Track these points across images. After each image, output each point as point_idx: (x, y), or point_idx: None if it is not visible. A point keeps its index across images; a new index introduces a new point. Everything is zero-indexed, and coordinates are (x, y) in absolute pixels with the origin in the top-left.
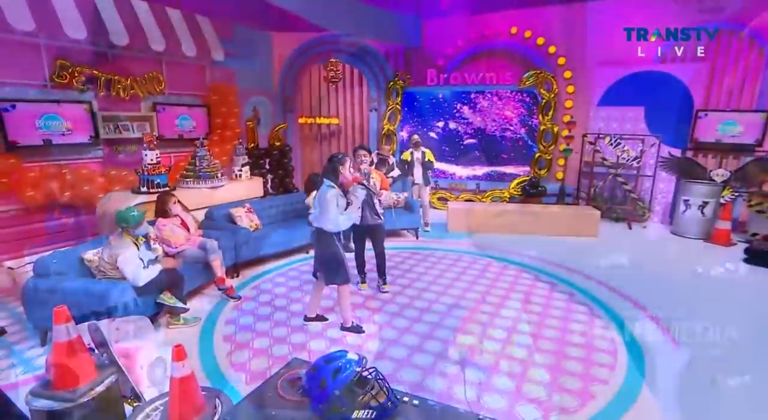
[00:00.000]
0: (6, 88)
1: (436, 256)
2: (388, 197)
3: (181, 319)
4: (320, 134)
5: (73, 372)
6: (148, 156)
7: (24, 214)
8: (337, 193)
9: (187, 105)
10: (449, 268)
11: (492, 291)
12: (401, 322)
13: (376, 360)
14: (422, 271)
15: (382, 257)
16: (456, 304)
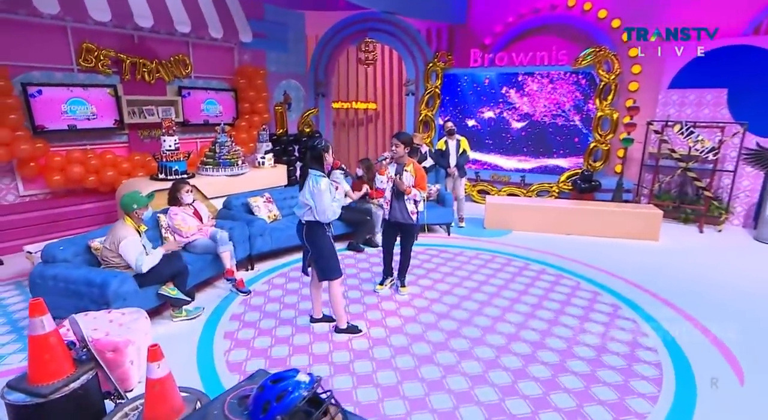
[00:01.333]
0: (34, 73)
1: (467, 256)
2: None
3: (184, 311)
4: (357, 120)
5: (47, 367)
6: (167, 142)
7: (51, 198)
8: (329, 183)
9: (214, 89)
10: (478, 270)
11: (523, 298)
12: (415, 328)
13: (379, 369)
14: (448, 271)
15: (407, 258)
16: (479, 311)
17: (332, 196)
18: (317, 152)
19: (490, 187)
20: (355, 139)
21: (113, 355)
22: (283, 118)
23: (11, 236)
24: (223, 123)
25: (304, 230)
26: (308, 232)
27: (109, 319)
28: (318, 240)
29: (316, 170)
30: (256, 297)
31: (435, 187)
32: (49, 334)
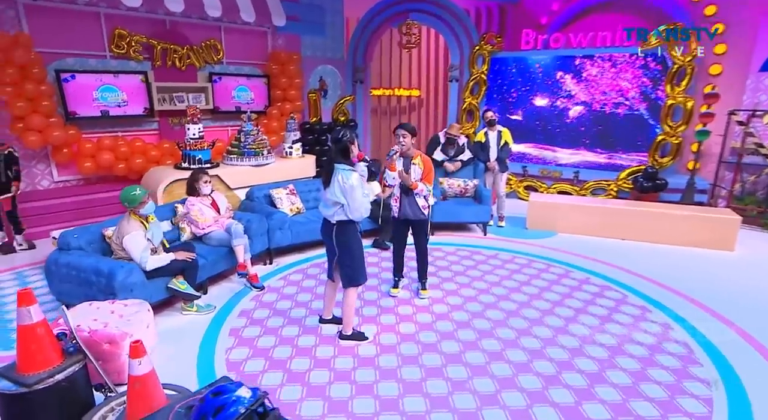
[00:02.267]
0: (68, 60)
1: (501, 259)
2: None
3: (195, 306)
4: (399, 108)
5: (34, 357)
6: (191, 130)
7: (84, 184)
8: (359, 177)
9: (246, 75)
10: (511, 275)
11: (557, 309)
12: (429, 336)
13: (383, 379)
14: (477, 275)
15: (424, 257)
16: (503, 322)
17: (363, 191)
18: (343, 145)
19: (539, 183)
20: None
21: (110, 347)
22: (317, 105)
23: (45, 221)
24: (249, 111)
25: (334, 231)
26: (339, 233)
27: (111, 310)
28: (350, 241)
29: (343, 164)
30: (269, 293)
31: (472, 182)
32: (36, 325)
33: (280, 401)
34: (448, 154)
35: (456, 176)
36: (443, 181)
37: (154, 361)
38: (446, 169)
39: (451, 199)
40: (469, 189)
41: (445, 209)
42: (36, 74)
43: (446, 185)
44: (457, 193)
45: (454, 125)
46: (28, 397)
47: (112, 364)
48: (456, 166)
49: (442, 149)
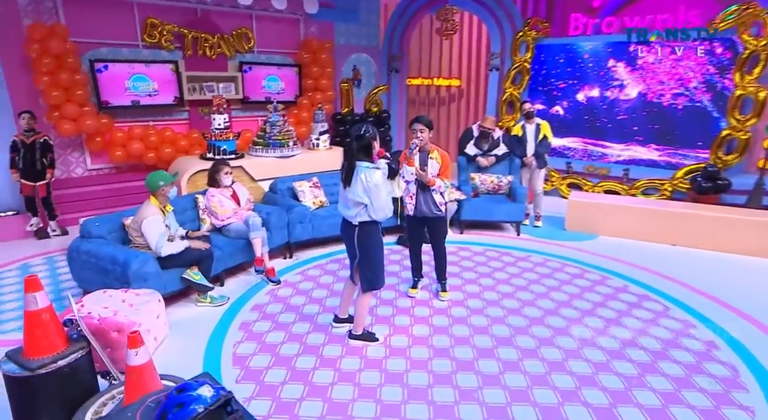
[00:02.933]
0: (102, 49)
1: (532, 262)
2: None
3: (209, 297)
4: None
5: (38, 342)
6: (216, 120)
7: (116, 172)
8: (383, 173)
9: (276, 64)
10: (540, 280)
11: (586, 319)
12: (443, 341)
13: (387, 383)
14: (503, 278)
15: (441, 257)
16: (525, 329)
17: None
18: (366, 141)
19: (584, 180)
20: (435, 120)
21: (117, 335)
22: (349, 96)
23: (79, 208)
24: (275, 101)
25: (356, 233)
26: (362, 236)
27: (122, 298)
28: (372, 244)
29: (365, 162)
30: (285, 288)
31: (506, 178)
32: (41, 311)
33: (279, 399)
34: (482, 149)
35: (489, 172)
36: (475, 176)
37: (163, 351)
38: (479, 164)
39: (483, 196)
40: (502, 185)
41: (475, 206)
42: (71, 64)
43: (478, 181)
44: (490, 190)
45: (489, 118)
46: (31, 381)
47: (120, 352)
48: (490, 161)
49: (475, 143)
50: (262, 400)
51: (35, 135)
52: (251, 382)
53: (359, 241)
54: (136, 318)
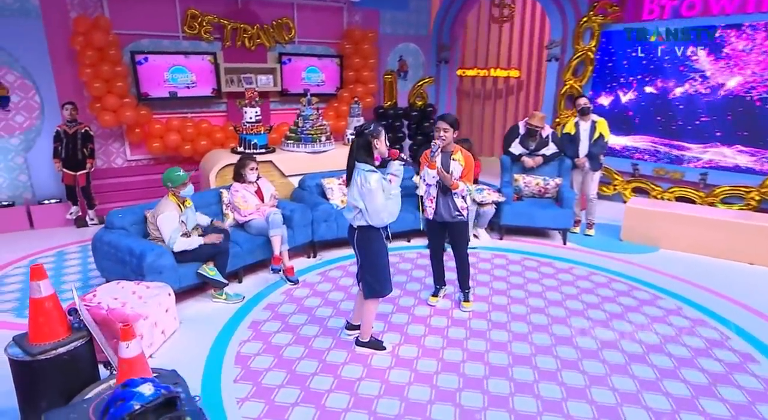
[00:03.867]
0: (143, 41)
1: (574, 274)
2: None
3: (224, 294)
4: (495, 91)
5: (41, 329)
6: (248, 113)
7: (154, 163)
8: (380, 177)
9: (317, 55)
10: (579, 295)
11: (622, 343)
12: (455, 355)
13: (387, 395)
14: (537, 290)
15: (463, 264)
16: (548, 350)
17: (386, 194)
18: (364, 139)
19: (652, 185)
20: (491, 114)
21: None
22: (392, 88)
23: (117, 198)
24: (309, 93)
25: (356, 237)
26: (360, 239)
27: (133, 290)
28: (371, 249)
29: (363, 163)
30: (303, 288)
31: (554, 181)
32: (44, 299)
33: (273, 402)
34: (528, 148)
35: (536, 173)
36: (519, 178)
37: (170, 346)
38: (524, 164)
39: (527, 200)
40: (549, 189)
41: (517, 211)
42: (112, 56)
43: (522, 183)
44: (535, 193)
45: (537, 114)
46: (32, 366)
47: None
48: (536, 161)
49: (521, 141)
50: (255, 402)
51: (77, 126)
52: (248, 382)
53: (358, 245)
54: (143, 310)
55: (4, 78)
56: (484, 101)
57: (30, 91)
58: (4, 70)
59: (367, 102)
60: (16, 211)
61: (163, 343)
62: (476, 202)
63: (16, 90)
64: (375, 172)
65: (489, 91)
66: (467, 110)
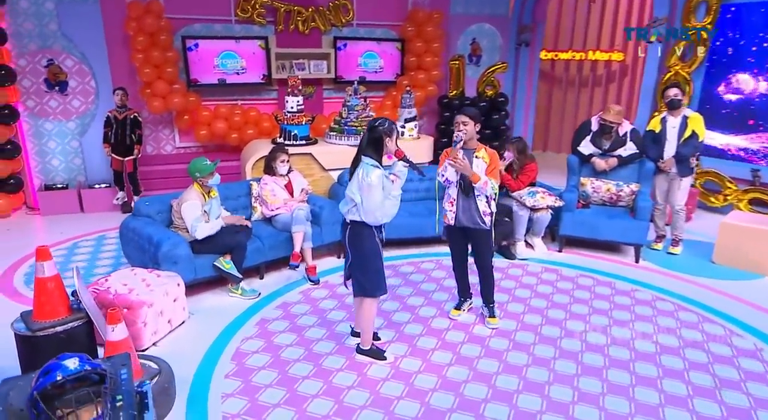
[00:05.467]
0: (195, 26)
1: (635, 298)
2: (599, 190)
3: (240, 289)
4: (593, 77)
5: (43, 307)
6: (289, 102)
7: (203, 151)
8: (383, 175)
9: (376, 39)
10: (631, 323)
11: (664, 383)
12: (460, 373)
13: (371, 407)
14: (582, 312)
15: (487, 276)
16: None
17: (386, 193)
18: (377, 134)
19: None
20: (586, 105)
21: (128, 312)
22: (459, 75)
23: (164, 185)
24: (356, 81)
25: (348, 232)
26: (351, 235)
27: (143, 278)
28: (362, 246)
29: (370, 158)
30: (322, 289)
31: (629, 187)
32: (47, 279)
33: (256, 401)
34: (602, 147)
35: (608, 177)
36: (586, 182)
37: (175, 336)
38: (595, 166)
39: (595, 208)
40: (623, 196)
41: (579, 219)
42: (163, 41)
43: (589, 187)
44: (606, 201)
45: (612, 108)
46: (32, 341)
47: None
48: (610, 163)
49: (592, 139)
50: (238, 399)
51: (127, 111)
52: (238, 379)
53: (349, 240)
54: (148, 298)
55: (64, 63)
56: (580, 89)
57: (87, 76)
58: (63, 56)
59: (429, 91)
60: (68, 194)
61: (169, 333)
62: (527, 206)
63: (74, 75)
64: (378, 169)
65: (586, 78)
66: (558, 99)
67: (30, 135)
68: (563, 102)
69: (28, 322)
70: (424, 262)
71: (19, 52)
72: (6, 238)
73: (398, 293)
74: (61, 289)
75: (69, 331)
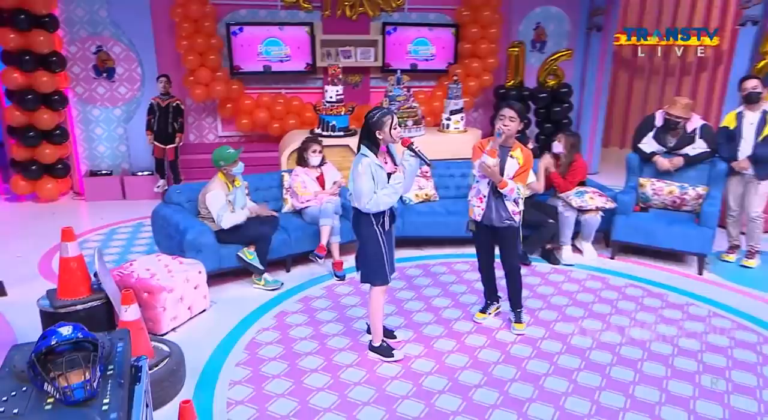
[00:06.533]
0: (241, 11)
1: (688, 313)
2: (659, 193)
3: (263, 280)
4: (682, 65)
5: (65, 285)
6: (328, 92)
7: (245, 141)
8: (372, 163)
9: (428, 25)
10: (676, 338)
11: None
12: (472, 377)
13: (373, 404)
14: (622, 324)
15: (514, 277)
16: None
17: (378, 182)
18: (367, 125)
19: None
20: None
21: (148, 296)
22: (518, 64)
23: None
24: (399, 71)
25: (354, 218)
26: (355, 222)
27: (166, 264)
28: (361, 233)
29: (364, 147)
30: (346, 285)
31: (696, 190)
32: (70, 259)
33: (260, 390)
34: (666, 145)
35: (672, 178)
36: (646, 183)
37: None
38: (658, 166)
39: (655, 212)
40: (687, 199)
41: (633, 224)
42: (207, 28)
43: (649, 189)
44: (668, 204)
45: (679, 100)
46: (54, 317)
47: (148, 312)
48: (675, 163)
49: (656, 136)
50: (245, 387)
51: (170, 99)
52: (248, 367)
53: (353, 226)
54: (168, 284)
55: (112, 50)
56: (666, 79)
57: (133, 63)
58: (111, 43)
59: (483, 80)
60: (112, 180)
61: (189, 320)
62: (574, 207)
63: (121, 62)
64: (366, 157)
65: (672, 67)
66: (638, 90)
67: (78, 121)
68: (644, 93)
69: (52, 299)
70: (458, 262)
71: (71, 39)
72: (50, 222)
73: (425, 293)
74: (83, 270)
75: (88, 310)
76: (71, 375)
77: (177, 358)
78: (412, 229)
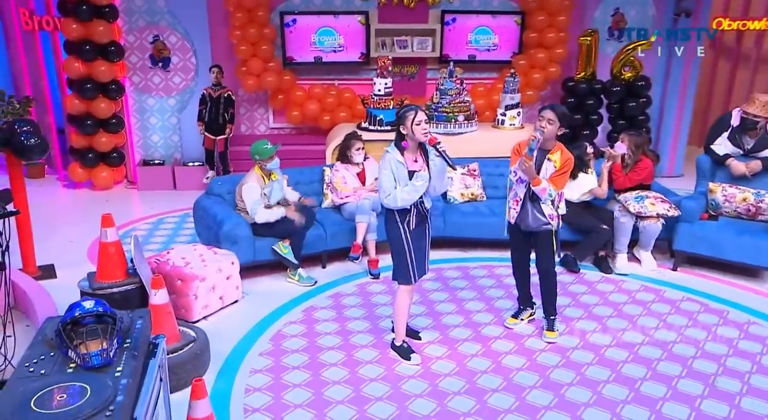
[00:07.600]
0: (296, 0)
1: (747, 332)
2: (731, 200)
3: (297, 275)
4: None
5: (103, 269)
6: (377, 85)
7: (296, 133)
8: (393, 159)
9: (491, 12)
10: (724, 358)
11: None
12: (491, 381)
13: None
14: (668, 339)
15: (548, 282)
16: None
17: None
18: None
19: None
20: None
21: (181, 283)
22: (590, 54)
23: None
24: (452, 62)
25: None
26: (386, 219)
27: (201, 253)
28: (390, 231)
29: (393, 142)
30: (380, 284)
31: None
32: (108, 244)
33: (279, 379)
34: (743, 147)
35: (747, 184)
36: (716, 188)
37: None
38: (732, 170)
39: (726, 220)
40: (763, 208)
41: (699, 234)
42: (260, 17)
43: (720, 196)
44: (741, 213)
45: (757, 97)
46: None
47: (180, 299)
48: (752, 167)
49: (731, 137)
50: (264, 375)
51: (221, 89)
52: (270, 358)
53: (384, 223)
54: (200, 272)
55: (168, 39)
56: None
57: (188, 53)
58: (168, 32)
59: (550, 72)
60: (163, 170)
61: (220, 309)
62: (631, 213)
63: (177, 51)
64: (389, 153)
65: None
66: (740, 82)
67: (134, 110)
68: (749, 84)
69: (92, 281)
70: (500, 266)
71: (129, 29)
72: (103, 209)
73: (459, 296)
74: (120, 255)
75: (123, 293)
76: (91, 343)
77: (202, 344)
78: (454, 230)
